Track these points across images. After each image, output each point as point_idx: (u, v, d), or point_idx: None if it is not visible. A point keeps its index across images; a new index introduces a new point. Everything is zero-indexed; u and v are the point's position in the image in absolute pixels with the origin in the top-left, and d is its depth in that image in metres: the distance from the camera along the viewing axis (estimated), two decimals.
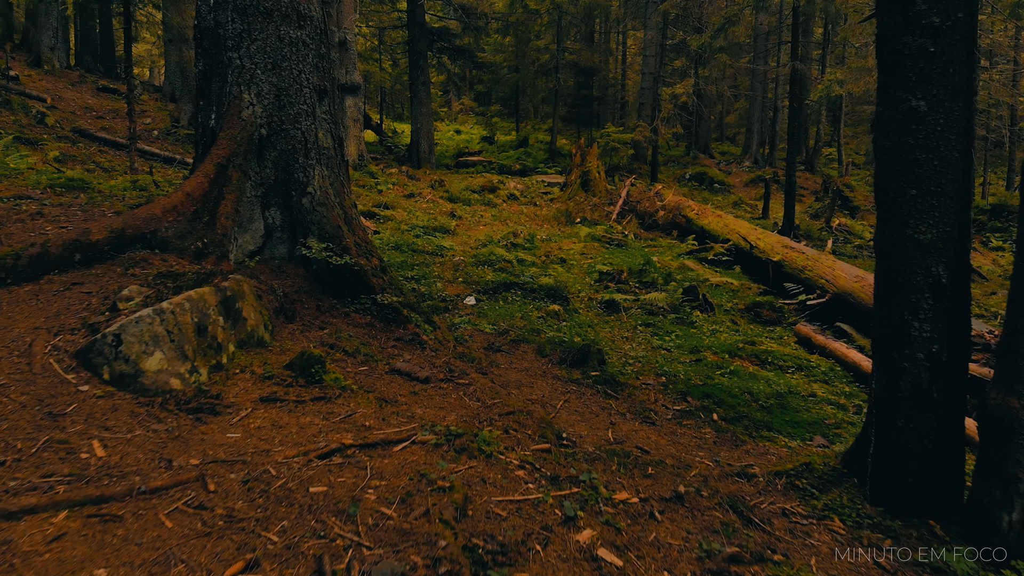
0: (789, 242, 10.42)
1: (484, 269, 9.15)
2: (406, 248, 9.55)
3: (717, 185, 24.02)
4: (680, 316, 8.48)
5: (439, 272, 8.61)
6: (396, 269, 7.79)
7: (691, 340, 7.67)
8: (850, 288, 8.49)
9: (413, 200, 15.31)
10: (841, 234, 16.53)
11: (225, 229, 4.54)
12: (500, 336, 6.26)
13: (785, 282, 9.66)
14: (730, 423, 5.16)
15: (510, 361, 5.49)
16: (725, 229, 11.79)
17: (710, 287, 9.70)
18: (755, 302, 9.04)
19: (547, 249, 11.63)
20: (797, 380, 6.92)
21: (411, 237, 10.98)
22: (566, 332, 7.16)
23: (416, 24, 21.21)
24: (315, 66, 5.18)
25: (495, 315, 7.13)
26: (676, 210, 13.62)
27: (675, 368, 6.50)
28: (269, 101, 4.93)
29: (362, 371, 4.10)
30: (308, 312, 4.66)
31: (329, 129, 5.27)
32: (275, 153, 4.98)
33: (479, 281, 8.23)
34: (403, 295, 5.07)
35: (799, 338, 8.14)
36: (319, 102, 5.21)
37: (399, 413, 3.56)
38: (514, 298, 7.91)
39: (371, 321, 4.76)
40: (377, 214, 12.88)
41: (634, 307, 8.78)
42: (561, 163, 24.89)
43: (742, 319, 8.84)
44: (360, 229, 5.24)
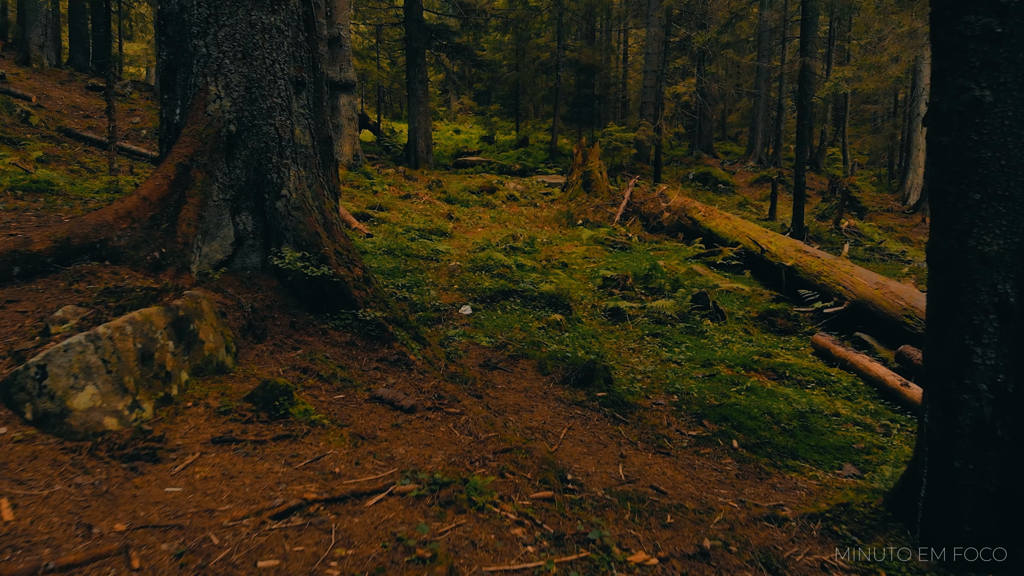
0: (802, 246, 9.91)
1: (481, 275, 8.65)
2: (399, 253, 9.05)
3: (721, 185, 23.52)
4: (690, 325, 7.98)
5: (433, 279, 8.11)
6: (387, 276, 7.30)
7: (702, 352, 7.17)
8: (870, 296, 7.98)
9: (409, 201, 14.81)
10: (851, 236, 16.01)
11: (186, 237, 4.04)
12: (498, 350, 5.76)
13: (799, 288, 9.16)
14: (752, 451, 4.66)
15: (508, 380, 4.99)
16: (734, 232, 11.28)
17: (720, 293, 9.20)
18: (768, 310, 8.54)
19: (548, 253, 11.13)
20: (818, 397, 6.42)
21: (405, 240, 10.48)
22: (569, 344, 6.66)
23: (413, 21, 20.72)
24: (291, 55, 4.68)
25: (492, 326, 6.63)
26: (682, 212, 13.12)
27: (687, 385, 6.00)
28: (239, 94, 4.43)
29: (338, 400, 3.59)
30: (281, 330, 4.16)
31: (308, 125, 4.77)
32: (246, 152, 4.48)
33: (476, 289, 7.73)
34: (389, 309, 4.57)
35: (816, 349, 7.64)
36: (296, 95, 4.71)
37: (376, 454, 3.06)
38: (513, 307, 7.40)
39: (352, 339, 4.26)
40: (371, 216, 12.39)
41: (640, 315, 8.28)
42: (562, 163, 24.40)
43: (755, 328, 8.34)
44: (341, 236, 4.73)
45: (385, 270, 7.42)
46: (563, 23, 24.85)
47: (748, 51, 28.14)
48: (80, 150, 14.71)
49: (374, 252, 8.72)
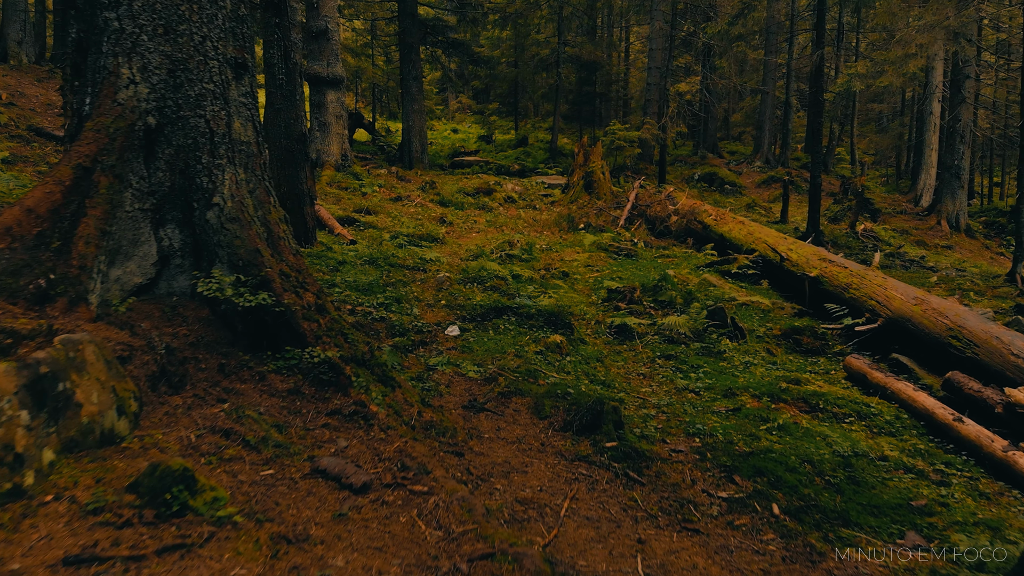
0: (825, 254, 9.03)
1: (472, 288, 7.77)
2: (383, 262, 8.17)
3: (728, 186, 22.63)
4: (706, 345, 7.10)
5: (418, 293, 7.23)
6: (363, 293, 6.42)
7: (723, 378, 6.29)
8: (908, 312, 7.10)
9: (400, 204, 13.93)
10: (868, 240, 15.13)
11: (84, 259, 3.17)
12: (487, 384, 4.88)
13: (825, 302, 8.27)
14: (796, 518, 3.78)
15: (497, 427, 4.11)
16: (749, 238, 10.40)
17: (737, 307, 8.32)
18: (793, 327, 7.66)
19: (547, 261, 10.26)
20: (859, 434, 5.54)
21: (391, 248, 9.60)
22: (571, 371, 5.78)
23: (407, 15, 19.84)
24: (229, 31, 3.80)
25: (483, 351, 5.75)
26: (690, 215, 12.24)
27: (710, 423, 5.12)
28: (160, 78, 3.55)
29: (265, 477, 2.72)
30: (206, 376, 3.28)
31: (250, 117, 3.89)
32: (170, 150, 3.60)
33: (466, 305, 6.85)
34: (347, 344, 3.69)
35: (850, 373, 6.76)
36: (236, 80, 3.83)
37: (302, 570, 2.18)
38: (507, 326, 6.52)
39: (297, 386, 3.38)
40: (357, 220, 11.51)
41: (650, 333, 7.40)
42: (562, 163, 23.51)
43: (778, 348, 7.46)
44: (291, 252, 3.85)
45: (362, 285, 6.54)
46: (564, 17, 23.97)
47: (757, 46, 27.25)
48: (51, 150, 13.82)
49: (354, 262, 7.85)
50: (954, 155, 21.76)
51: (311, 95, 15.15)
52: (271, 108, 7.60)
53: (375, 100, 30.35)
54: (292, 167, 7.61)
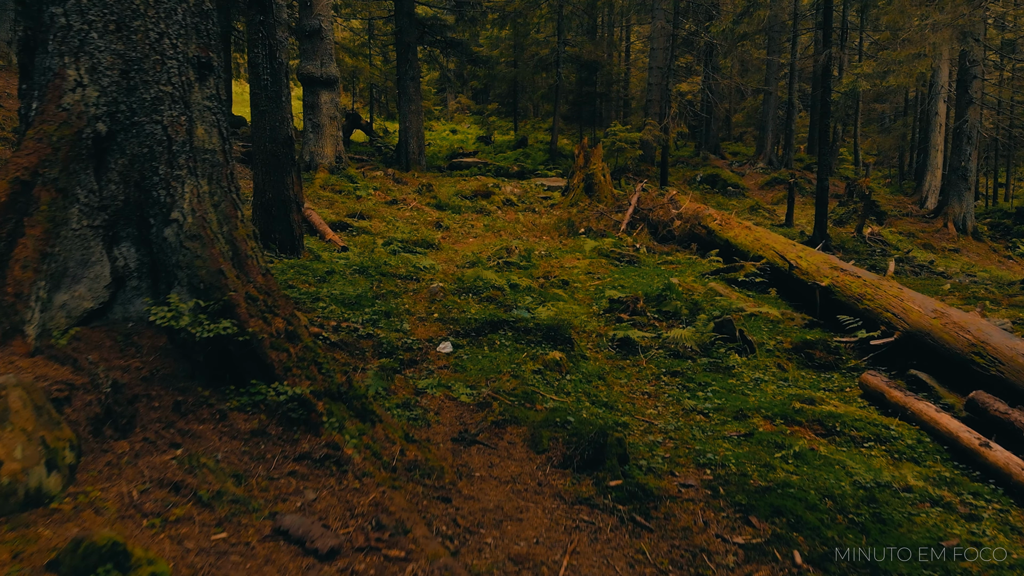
0: (836, 262, 8.65)
1: (468, 299, 7.40)
2: (374, 272, 7.80)
3: (731, 188, 22.25)
4: (714, 360, 6.74)
5: (410, 305, 6.86)
6: (350, 307, 6.05)
7: (733, 398, 5.92)
8: (927, 326, 6.73)
9: (395, 208, 13.57)
10: (876, 245, 14.76)
11: (20, 285, 2.80)
12: (479, 410, 4.51)
13: (837, 313, 7.90)
14: (821, 567, 3.41)
15: (490, 464, 3.74)
16: (755, 244, 10.02)
17: (745, 318, 7.94)
18: (804, 340, 7.28)
19: (546, 268, 9.89)
20: (879, 460, 5.18)
21: (384, 255, 9.23)
22: (571, 393, 5.41)
23: (404, 14, 19.47)
24: (191, 27, 3.43)
25: (477, 370, 5.38)
26: (695, 220, 11.87)
27: (721, 452, 4.75)
28: (111, 80, 3.18)
29: (217, 542, 2.35)
30: (159, 415, 2.91)
31: (216, 123, 3.52)
32: (123, 160, 3.23)
33: (460, 318, 6.48)
34: (321, 375, 3.32)
35: (866, 391, 6.39)
36: (199, 82, 3.46)
37: None
38: (503, 342, 6.15)
39: (262, 426, 3.01)
40: (350, 225, 11.15)
41: (655, 347, 7.04)
42: (562, 164, 23.15)
43: (790, 362, 7.08)
44: (259, 272, 3.48)
45: (349, 298, 6.16)
46: (564, 16, 23.58)
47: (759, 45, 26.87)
48: None
49: (343, 272, 7.47)
50: (961, 156, 21.39)
51: (304, 96, 14.79)
52: (256, 110, 7.23)
53: (372, 100, 29.97)
54: (278, 172, 7.25)
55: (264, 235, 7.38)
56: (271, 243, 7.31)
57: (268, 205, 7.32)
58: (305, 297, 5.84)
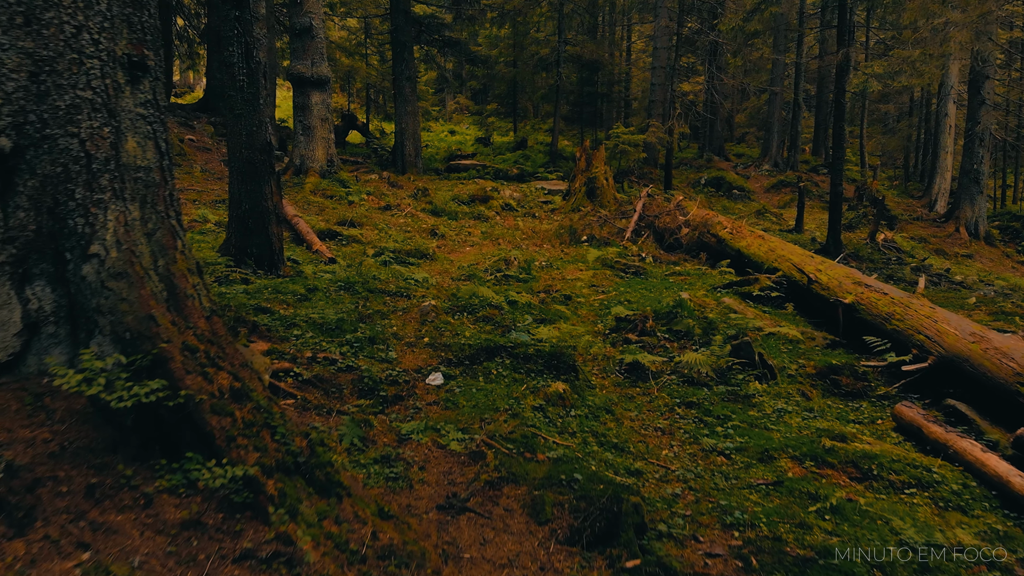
0: (859, 276, 8.05)
1: (462, 319, 6.80)
2: (361, 288, 7.19)
3: (736, 191, 21.64)
4: (732, 388, 6.14)
5: (398, 327, 6.26)
6: (330, 333, 5.44)
7: (756, 434, 5.33)
8: (965, 351, 6.13)
9: (389, 214, 12.96)
10: (890, 252, 14.15)
11: None
12: (472, 462, 3.91)
13: (863, 333, 7.29)
14: None
15: (482, 539, 3.14)
16: (770, 255, 9.42)
17: (763, 338, 7.35)
18: (829, 365, 6.68)
19: (547, 281, 9.29)
20: (923, 509, 4.59)
21: (373, 267, 8.64)
22: (577, 432, 4.82)
23: (400, 12, 18.86)
24: (120, 19, 2.82)
25: (470, 407, 4.78)
26: (703, 227, 11.27)
27: (749, 507, 4.16)
28: (17, 84, 2.58)
29: None
30: (67, 503, 2.32)
31: (151, 134, 2.92)
32: (33, 181, 2.63)
33: (453, 344, 5.88)
34: (275, 441, 2.72)
35: (900, 424, 5.79)
36: (132, 86, 2.86)
37: None
38: (501, 371, 5.55)
39: (196, 514, 2.41)
40: (340, 233, 10.55)
41: (667, 372, 6.44)
42: (563, 167, 22.54)
43: (814, 389, 6.48)
44: (202, 315, 2.88)
45: (329, 323, 5.56)
46: (564, 15, 22.97)
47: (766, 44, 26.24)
48: None
49: (327, 289, 6.87)
50: (973, 159, 20.78)
51: (295, 97, 14.18)
52: (231, 114, 6.63)
53: (369, 101, 29.35)
54: (254, 181, 6.65)
55: (240, 250, 6.78)
56: (247, 259, 6.72)
57: (244, 217, 6.72)
58: (278, 324, 5.24)
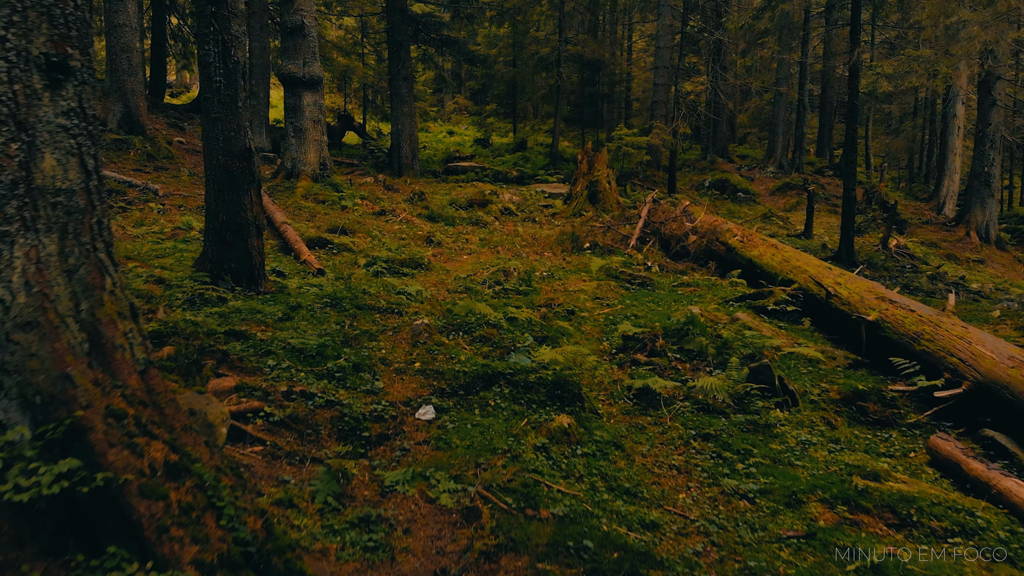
0: (882, 290, 7.55)
1: (458, 340, 6.29)
2: (349, 304, 6.69)
3: (741, 194, 21.15)
4: (751, 417, 5.64)
5: (387, 350, 5.75)
6: (309, 361, 4.93)
7: (781, 473, 4.83)
8: (1004, 377, 5.63)
9: (383, 219, 12.46)
10: (904, 259, 13.66)
11: None
12: (465, 523, 3.41)
13: (888, 353, 6.79)
14: None
15: None
16: (784, 266, 8.92)
17: (781, 358, 6.85)
18: (855, 390, 6.18)
19: (548, 293, 8.78)
20: (970, 564, 4.09)
21: (364, 280, 8.13)
22: (585, 477, 4.32)
23: (396, 11, 18.35)
24: (39, 12, 2.32)
25: (464, 449, 4.28)
26: (711, 235, 10.77)
27: (780, 566, 3.65)
28: None
29: None
30: None
31: (74, 149, 2.41)
32: None
33: (447, 370, 5.37)
34: (222, 528, 2.21)
35: (935, 458, 5.29)
36: (51, 91, 2.36)
37: None
38: (499, 402, 5.05)
39: None
40: (330, 241, 10.04)
41: (680, 397, 5.94)
42: (564, 169, 22.03)
43: (839, 417, 5.98)
44: (133, 369, 2.38)
45: (310, 349, 5.04)
46: (565, 13, 22.45)
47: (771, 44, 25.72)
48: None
49: (311, 307, 6.36)
50: (984, 161, 20.30)
51: (286, 98, 13.67)
52: (207, 118, 6.12)
53: (366, 101, 28.84)
54: (232, 191, 6.14)
55: (217, 265, 6.28)
56: (225, 275, 6.21)
57: (221, 230, 6.21)
58: (252, 352, 4.73)
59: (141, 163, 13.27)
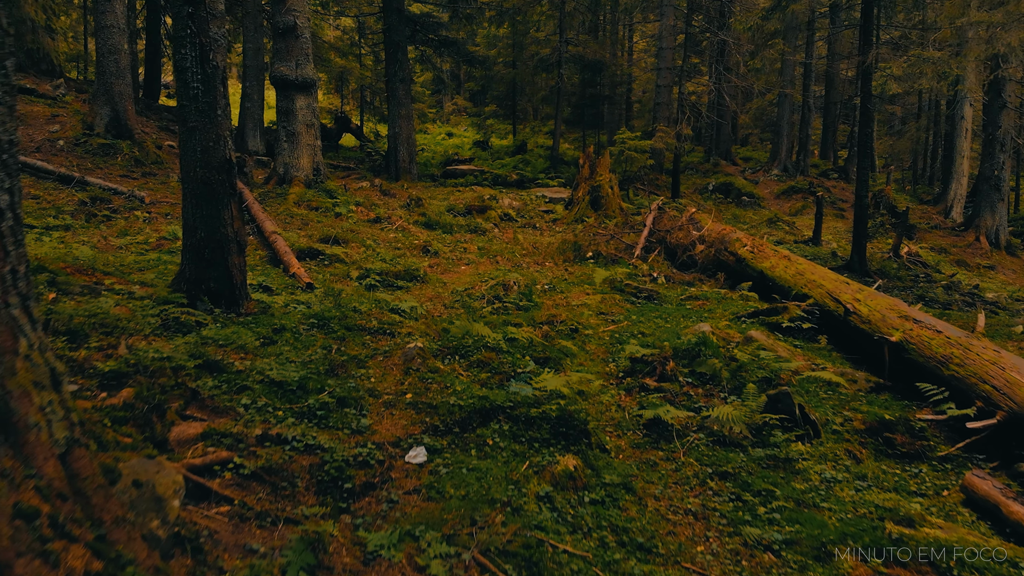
0: (905, 308, 7.12)
1: (454, 365, 5.87)
2: (337, 325, 6.26)
3: (746, 198, 20.72)
4: (771, 452, 5.21)
5: (377, 379, 5.32)
6: (291, 395, 4.49)
7: (807, 519, 4.39)
8: None
9: (379, 227, 12.03)
10: (916, 268, 13.23)
11: None
12: None
13: (914, 378, 6.37)
14: None
15: None
16: (798, 279, 8.49)
17: (800, 382, 6.42)
18: (880, 420, 5.75)
19: (550, 308, 8.35)
20: None
21: (356, 295, 7.70)
22: (594, 530, 3.89)
23: (393, 11, 17.92)
24: None
25: (458, 499, 3.85)
26: (720, 244, 10.34)
27: None
28: None
29: None
30: None
31: None
32: None
33: (440, 404, 4.94)
34: None
35: (970, 497, 4.87)
36: None
37: None
38: (497, 440, 4.62)
39: None
40: (322, 252, 9.60)
41: (693, 428, 5.52)
42: (565, 172, 21.60)
43: (863, 449, 5.55)
44: (49, 454, 1.94)
45: (291, 383, 4.61)
46: (566, 13, 22.01)
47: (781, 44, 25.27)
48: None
49: (296, 328, 5.93)
50: (993, 164, 19.88)
51: (278, 101, 13.24)
52: (184, 127, 5.68)
53: (364, 102, 28.40)
54: (211, 205, 5.71)
55: (195, 284, 5.84)
56: (202, 296, 5.77)
57: (200, 247, 5.78)
58: (225, 388, 4.29)
59: (128, 169, 12.84)
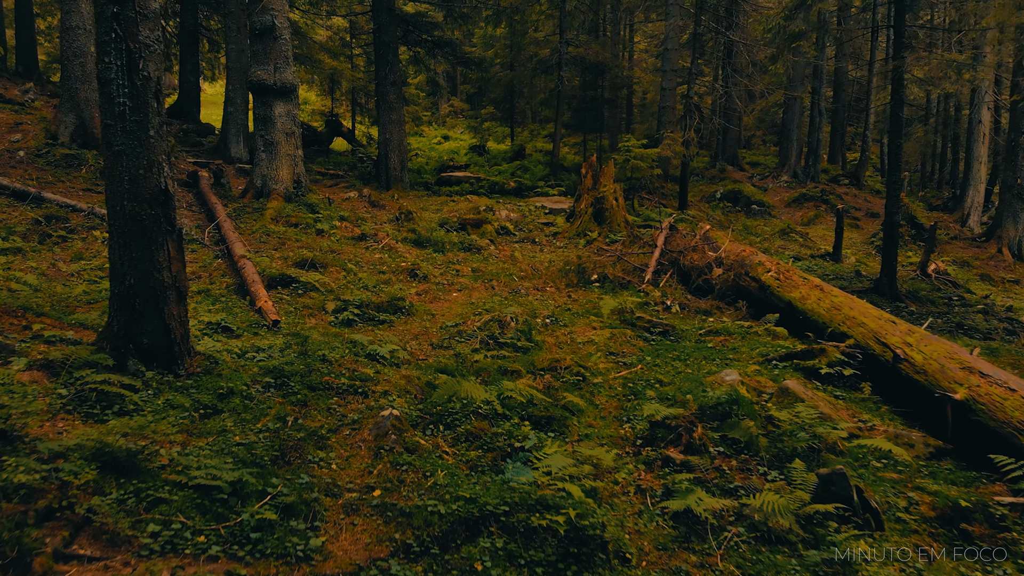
0: (966, 356, 6.10)
1: (436, 440, 4.84)
2: (298, 381, 5.24)
3: (755, 207, 19.72)
4: (826, 554, 4.20)
5: (339, 465, 4.30)
6: (218, 509, 3.47)
7: None
8: None
9: (363, 246, 11.00)
10: (946, 287, 12.23)
11: None
12: None
13: (983, 443, 5.36)
14: None
15: None
16: (835, 314, 7.48)
17: (852, 455, 5.41)
18: (954, 506, 4.74)
19: (553, 348, 7.34)
20: None
21: (326, 339, 6.67)
22: None
23: (383, 10, 16.89)
24: None
25: None
26: (739, 267, 9.34)
27: None
28: None
29: None
30: None
31: None
32: None
33: (414, 509, 3.91)
34: None
35: None
36: None
37: None
38: (488, 566, 3.59)
39: None
40: (296, 280, 8.57)
41: (730, 517, 4.52)
42: (565, 180, 20.56)
43: (935, 543, 4.55)
44: None
45: (222, 487, 3.57)
46: (566, 12, 20.97)
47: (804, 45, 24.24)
48: None
49: (249, 390, 4.91)
50: (1016, 172, 18.88)
51: (256, 107, 12.22)
52: (109, 151, 4.66)
53: (355, 105, 27.36)
54: (142, 246, 4.69)
55: (124, 341, 4.82)
56: (132, 355, 4.75)
57: (129, 296, 4.76)
58: (129, 504, 3.26)
59: (92, 182, 11.81)
